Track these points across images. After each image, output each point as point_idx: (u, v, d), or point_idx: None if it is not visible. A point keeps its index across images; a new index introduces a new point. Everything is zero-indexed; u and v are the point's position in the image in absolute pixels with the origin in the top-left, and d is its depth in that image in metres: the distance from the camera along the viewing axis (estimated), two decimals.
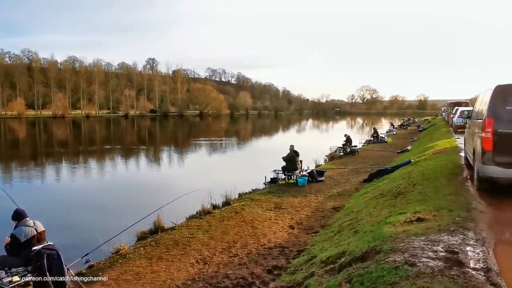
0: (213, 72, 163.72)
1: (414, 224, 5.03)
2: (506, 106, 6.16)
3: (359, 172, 15.66)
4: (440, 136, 22.07)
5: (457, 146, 13.64)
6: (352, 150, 22.37)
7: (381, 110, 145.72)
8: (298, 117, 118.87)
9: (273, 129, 67.52)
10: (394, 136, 34.17)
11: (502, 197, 6.14)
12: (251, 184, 13.87)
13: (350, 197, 10.96)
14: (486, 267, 3.54)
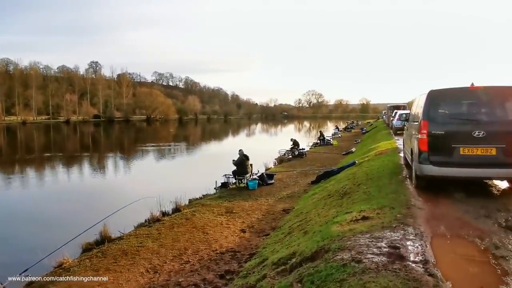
0: (160, 76, 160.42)
1: (360, 223, 5.27)
2: (439, 109, 6.66)
3: (307, 174, 16.08)
4: (382, 138, 23.27)
5: (397, 147, 14.46)
6: (300, 153, 22.93)
7: (326, 113, 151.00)
8: (247, 121, 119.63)
9: (223, 133, 67.43)
10: (339, 139, 35.50)
11: (437, 193, 6.60)
12: (202, 189, 13.74)
13: (299, 199, 11.21)
14: (424, 259, 3.80)
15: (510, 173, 6.08)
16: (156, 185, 15.86)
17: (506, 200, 6.20)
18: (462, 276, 3.63)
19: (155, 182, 18.00)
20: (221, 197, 12.38)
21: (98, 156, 32.53)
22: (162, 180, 18.86)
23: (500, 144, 5.96)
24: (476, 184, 7.15)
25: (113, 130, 71.70)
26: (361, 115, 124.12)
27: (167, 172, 23.29)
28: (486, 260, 3.87)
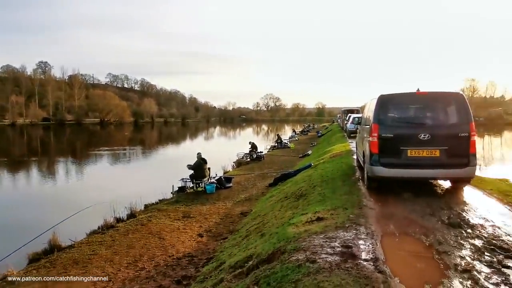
0: (115, 77, 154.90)
1: (315, 224, 5.40)
2: (388, 113, 6.99)
3: (265, 177, 16.23)
4: (336, 141, 23.99)
5: (351, 149, 14.96)
6: (258, 156, 23.11)
7: (284, 117, 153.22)
8: (205, 124, 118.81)
9: (181, 136, 66.44)
10: (296, 142, 36.17)
11: (387, 194, 6.91)
12: (158, 194, 13.46)
13: (257, 202, 11.29)
14: (375, 257, 3.97)
15: (452, 173, 6.50)
16: (110, 191, 15.34)
17: (449, 198, 6.61)
18: (409, 271, 3.82)
19: (109, 187, 17.40)
20: (178, 202, 12.21)
21: (47, 161, 30.88)
22: (116, 185, 18.26)
23: (443, 146, 6.35)
24: (423, 184, 7.56)
25: (64, 134, 68.37)
26: (317, 119, 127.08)
27: (122, 177, 22.59)
28: (431, 255, 4.10)
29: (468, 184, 7.27)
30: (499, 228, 4.92)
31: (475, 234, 4.69)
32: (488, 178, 9.54)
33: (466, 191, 7.13)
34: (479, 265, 3.80)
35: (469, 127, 6.41)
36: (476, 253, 4.09)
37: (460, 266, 3.77)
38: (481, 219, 5.34)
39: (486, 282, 3.43)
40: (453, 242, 4.45)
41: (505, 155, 28.88)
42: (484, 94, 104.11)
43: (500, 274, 3.60)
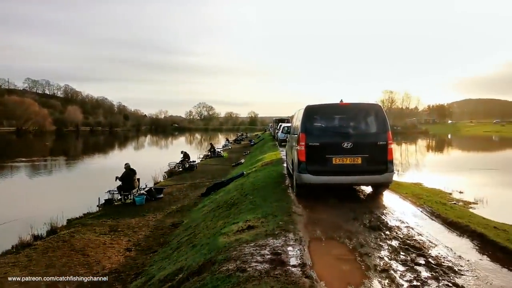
0: (34, 83, 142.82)
1: (245, 232, 5.44)
2: (314, 123, 7.31)
3: (197, 187, 16.02)
4: (268, 149, 24.49)
5: (281, 158, 15.36)
6: (190, 166, 22.77)
7: (217, 126, 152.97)
8: (135, 133, 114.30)
9: (108, 146, 63.08)
10: (230, 151, 36.27)
11: (315, 200, 7.20)
12: (83, 208, 12.61)
13: (189, 212, 11.10)
14: (302, 262, 4.09)
15: (372, 179, 6.97)
16: (28, 206, 14.06)
17: (370, 203, 7.07)
18: (334, 274, 3.99)
19: (26, 202, 15.92)
20: (105, 215, 11.56)
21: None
22: (35, 200, 16.76)
23: (364, 154, 6.79)
24: (347, 189, 8.00)
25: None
26: (250, 128, 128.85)
27: (42, 190, 20.81)
28: (354, 258, 4.34)
29: (387, 189, 7.84)
30: (412, 229, 5.36)
31: (392, 236, 5.05)
32: (404, 183, 10.38)
33: (385, 196, 7.68)
34: (395, 264, 4.09)
35: (386, 136, 6.93)
36: (393, 253, 4.41)
37: (379, 266, 4.03)
38: (398, 221, 5.78)
39: (401, 280, 3.70)
40: (373, 244, 4.75)
41: (419, 161, 31.62)
42: (400, 105, 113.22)
43: (413, 271, 3.91)
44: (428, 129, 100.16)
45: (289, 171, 9.38)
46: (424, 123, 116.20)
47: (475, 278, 3.78)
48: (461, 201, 11.74)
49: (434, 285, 3.59)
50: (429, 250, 4.52)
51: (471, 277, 3.80)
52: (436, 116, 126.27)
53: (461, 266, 4.06)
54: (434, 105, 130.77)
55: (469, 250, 4.66)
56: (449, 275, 3.82)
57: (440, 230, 5.51)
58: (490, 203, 11.41)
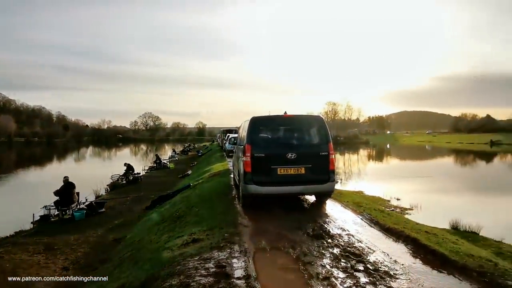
0: None
1: (190, 246, 5.35)
2: (260, 134, 7.41)
3: (142, 200, 15.49)
4: (216, 160, 24.37)
5: (229, 168, 15.35)
6: (135, 178, 22.02)
7: (164, 136, 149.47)
8: (76, 144, 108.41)
9: (45, 158, 59.21)
10: (176, 162, 35.60)
11: (260, 211, 7.26)
12: (15, 225, 11.69)
13: (133, 226, 10.68)
14: (247, 274, 4.10)
15: (315, 188, 7.17)
16: None
17: (314, 212, 7.27)
18: (278, 285, 4.04)
19: None
20: (40, 233, 10.79)
21: None
22: None
23: (308, 164, 6.98)
24: (292, 199, 8.16)
25: None
26: (197, 138, 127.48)
27: None
28: (297, 267, 4.42)
29: (330, 198, 8.11)
30: (353, 236, 5.58)
31: (334, 243, 5.22)
32: (346, 191, 10.80)
33: (328, 204, 7.93)
34: (337, 271, 4.23)
35: (328, 147, 7.19)
36: (334, 261, 4.55)
37: (321, 274, 4.14)
38: (339, 229, 5.99)
39: (342, 287, 3.83)
40: (316, 252, 4.87)
41: (361, 170, 33.09)
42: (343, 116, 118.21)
43: (352, 277, 4.06)
44: (369, 139, 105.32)
45: (236, 182, 9.39)
46: (365, 133, 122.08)
47: (409, 281, 4.01)
48: (398, 207, 12.45)
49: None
50: (368, 256, 4.73)
51: (405, 280, 4.02)
52: (376, 127, 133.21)
53: (396, 270, 4.29)
54: (374, 117, 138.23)
55: (403, 254, 4.93)
56: (386, 279, 4.01)
57: (378, 236, 5.79)
58: (423, 208, 12.22)
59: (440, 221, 10.13)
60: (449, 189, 20.10)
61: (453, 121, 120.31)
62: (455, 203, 15.34)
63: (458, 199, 16.76)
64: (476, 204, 15.35)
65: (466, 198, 17.19)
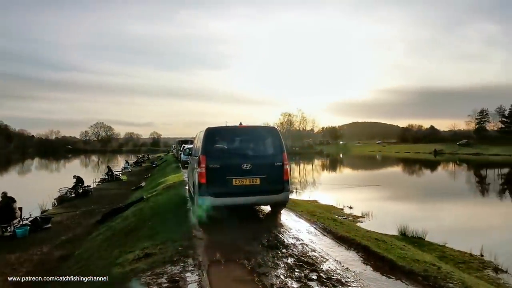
0: None
1: (142, 261, 5.18)
2: (215, 145, 7.38)
3: (93, 214, 14.83)
4: (171, 171, 23.91)
5: (184, 180, 15.11)
6: (85, 191, 21.05)
7: (117, 147, 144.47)
8: (20, 156, 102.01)
9: None
10: (129, 174, 34.51)
11: (215, 223, 7.19)
12: None
13: (82, 242, 10.17)
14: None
15: (270, 198, 7.24)
16: None
17: (269, 222, 7.31)
18: None
19: None
20: None
21: None
22: None
23: (262, 174, 7.03)
24: (247, 210, 8.16)
25: None
26: (152, 149, 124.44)
27: None
28: (252, 278, 4.40)
29: (285, 208, 8.20)
30: (307, 245, 5.67)
31: (289, 253, 5.27)
32: (301, 201, 10.99)
33: (283, 214, 8.02)
34: (291, 281, 4.27)
35: (282, 157, 7.30)
36: (288, 271, 4.59)
37: (275, 285, 4.15)
38: (294, 238, 6.07)
39: None
40: (270, 263, 4.89)
41: (316, 179, 33.84)
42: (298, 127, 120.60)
43: (306, 287, 4.12)
44: (323, 149, 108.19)
45: (191, 193, 9.26)
46: (320, 143, 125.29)
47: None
48: (350, 215, 12.84)
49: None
50: (321, 265, 4.82)
51: (356, 287, 4.14)
52: (329, 138, 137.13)
53: (348, 278, 4.40)
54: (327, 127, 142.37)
55: (355, 262, 5.08)
56: (338, 287, 4.10)
57: (331, 245, 5.92)
58: (374, 216, 12.69)
59: (389, 228, 10.57)
60: (398, 196, 21.05)
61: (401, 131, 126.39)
62: (403, 210, 16.08)
63: (406, 206, 17.58)
64: (422, 211, 16.18)
65: (413, 205, 18.07)
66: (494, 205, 18.38)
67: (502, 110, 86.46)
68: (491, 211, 16.71)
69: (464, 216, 15.36)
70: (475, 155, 66.18)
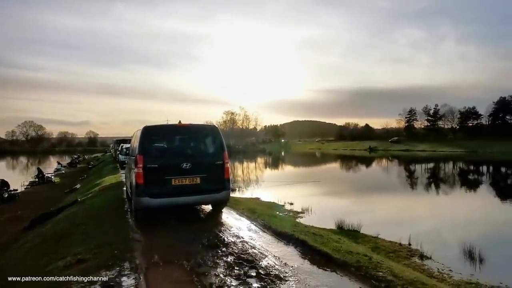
0: None
1: (74, 268, 4.90)
2: (153, 144, 7.18)
3: (19, 220, 13.72)
4: (108, 172, 22.89)
5: (122, 181, 14.54)
6: (10, 195, 19.48)
7: (49, 148, 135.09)
8: None
9: None
10: (63, 175, 32.48)
11: (154, 224, 7.01)
12: None
13: (6, 251, 9.38)
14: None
15: (211, 197, 7.19)
16: None
17: (210, 221, 7.27)
18: None
19: None
20: None
21: None
22: None
23: (203, 174, 6.97)
24: (188, 210, 8.04)
25: None
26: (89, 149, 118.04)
27: None
28: (191, 279, 4.35)
29: (226, 206, 8.20)
30: (247, 243, 5.72)
31: (229, 252, 5.28)
32: (242, 199, 11.05)
33: (224, 213, 8.01)
34: (230, 279, 4.27)
35: (223, 155, 7.28)
36: (228, 269, 4.60)
37: (214, 284, 4.14)
38: (234, 236, 6.09)
39: None
40: (210, 262, 4.86)
41: (258, 177, 34.23)
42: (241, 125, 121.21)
43: (245, 284, 4.15)
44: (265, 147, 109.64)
45: (129, 194, 8.93)
46: (262, 142, 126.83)
47: (297, 281, 4.24)
48: (291, 211, 13.16)
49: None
50: (260, 261, 4.88)
51: (294, 281, 4.25)
52: (272, 136, 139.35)
53: (286, 272, 4.50)
54: (269, 126, 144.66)
55: (293, 256, 5.21)
56: (276, 282, 4.18)
57: (271, 241, 6.02)
58: (313, 211, 13.12)
59: (328, 222, 10.98)
60: (336, 191, 21.96)
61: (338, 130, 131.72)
62: (341, 204, 16.81)
63: (344, 200, 18.40)
64: (358, 204, 17.03)
65: (350, 199, 18.96)
66: (420, 197, 19.85)
67: (428, 110, 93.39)
68: (418, 203, 18.03)
69: (395, 208, 16.40)
70: (405, 151, 70.91)
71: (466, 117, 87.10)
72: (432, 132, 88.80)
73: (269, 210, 9.85)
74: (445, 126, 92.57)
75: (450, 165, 42.48)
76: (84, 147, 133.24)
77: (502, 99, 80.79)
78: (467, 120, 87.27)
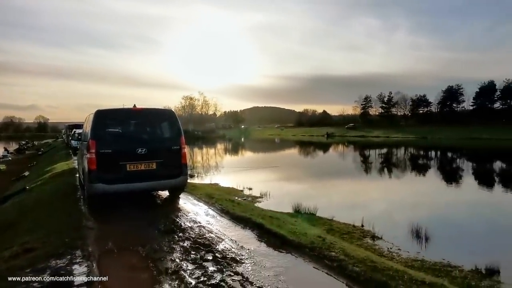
0: None
1: (21, 257, 4.68)
2: (106, 129, 6.92)
3: None
4: (60, 159, 21.91)
5: (75, 167, 13.97)
6: None
7: None
8: None
9: None
10: (9, 162, 30.65)
11: (108, 211, 6.82)
12: None
13: None
14: (90, 280, 3.80)
15: (168, 183, 7.09)
16: None
17: (166, 207, 7.19)
18: (125, 285, 3.86)
19: None
20: None
21: None
22: None
23: (159, 159, 6.84)
24: (144, 196, 7.89)
25: None
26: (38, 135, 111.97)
27: None
28: (146, 265, 4.29)
29: (184, 192, 8.13)
30: (204, 227, 5.72)
31: (185, 237, 5.26)
32: (201, 184, 10.99)
33: (182, 198, 7.95)
34: (186, 264, 4.27)
35: (180, 140, 7.17)
36: (184, 254, 4.58)
37: (170, 269, 4.11)
38: (191, 222, 6.06)
39: (190, 278, 3.88)
40: (166, 248, 4.82)
41: (218, 162, 34.15)
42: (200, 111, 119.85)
43: (201, 268, 4.16)
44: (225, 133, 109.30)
45: (81, 181, 8.61)
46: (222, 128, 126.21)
47: (253, 264, 4.31)
48: (250, 196, 13.27)
49: (219, 277, 3.91)
50: (217, 245, 4.91)
51: (250, 263, 4.31)
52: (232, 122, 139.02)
53: (242, 255, 4.56)
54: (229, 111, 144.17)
55: (250, 240, 5.29)
56: (232, 265, 4.23)
57: (228, 225, 6.06)
58: (271, 196, 13.31)
59: (285, 206, 11.19)
60: (294, 176, 22.37)
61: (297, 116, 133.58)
62: (299, 188, 17.16)
63: (301, 185, 18.79)
64: (315, 188, 17.47)
65: (307, 183, 19.40)
66: (374, 181, 20.68)
67: (382, 97, 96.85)
68: (371, 187, 18.78)
69: (350, 192, 16.99)
70: (360, 137, 73.35)
71: (417, 104, 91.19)
72: (386, 119, 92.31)
73: (227, 195, 9.87)
74: (398, 113, 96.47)
75: (402, 150, 44.51)
76: (33, 132, 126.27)
77: (450, 87, 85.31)
78: (418, 107, 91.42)
